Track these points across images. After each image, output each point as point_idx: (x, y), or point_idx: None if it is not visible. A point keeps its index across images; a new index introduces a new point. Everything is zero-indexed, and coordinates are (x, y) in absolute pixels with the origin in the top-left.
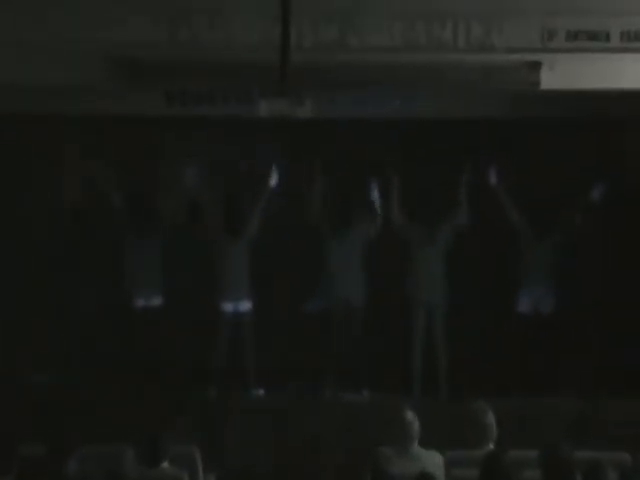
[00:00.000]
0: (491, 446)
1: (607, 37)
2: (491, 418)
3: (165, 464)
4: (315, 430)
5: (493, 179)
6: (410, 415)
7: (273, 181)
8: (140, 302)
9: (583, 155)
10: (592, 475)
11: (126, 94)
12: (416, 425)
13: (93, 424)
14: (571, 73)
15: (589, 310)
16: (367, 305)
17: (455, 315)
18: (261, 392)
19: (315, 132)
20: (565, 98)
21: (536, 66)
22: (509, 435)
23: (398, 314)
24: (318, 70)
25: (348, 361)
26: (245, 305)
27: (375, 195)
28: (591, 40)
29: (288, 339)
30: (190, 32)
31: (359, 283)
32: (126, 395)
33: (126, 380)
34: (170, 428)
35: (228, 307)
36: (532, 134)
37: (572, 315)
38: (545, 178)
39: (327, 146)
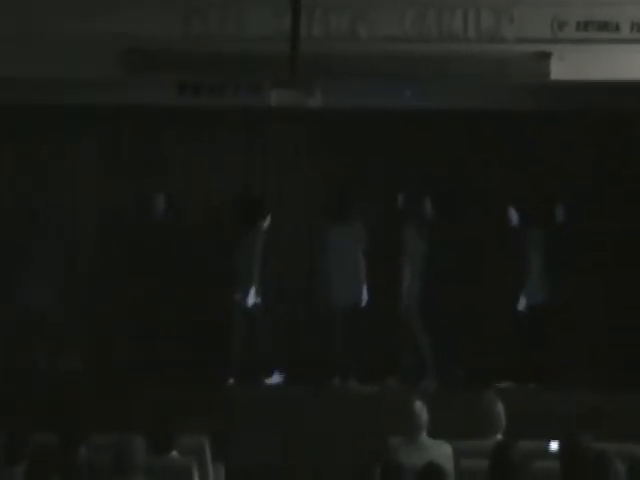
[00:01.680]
0: (500, 436)
1: (617, 27)
2: (500, 408)
3: (174, 453)
4: (324, 421)
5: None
6: (418, 405)
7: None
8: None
9: (588, 148)
10: (600, 466)
11: (139, 86)
12: (424, 415)
13: (103, 413)
14: (581, 64)
15: (597, 303)
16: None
17: (457, 308)
18: (271, 383)
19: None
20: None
21: (546, 56)
22: (518, 426)
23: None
24: (329, 60)
25: (355, 353)
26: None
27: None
28: (601, 30)
29: (296, 332)
30: (202, 24)
31: (360, 277)
32: (139, 385)
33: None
34: (180, 418)
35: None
36: (537, 126)
37: (579, 308)
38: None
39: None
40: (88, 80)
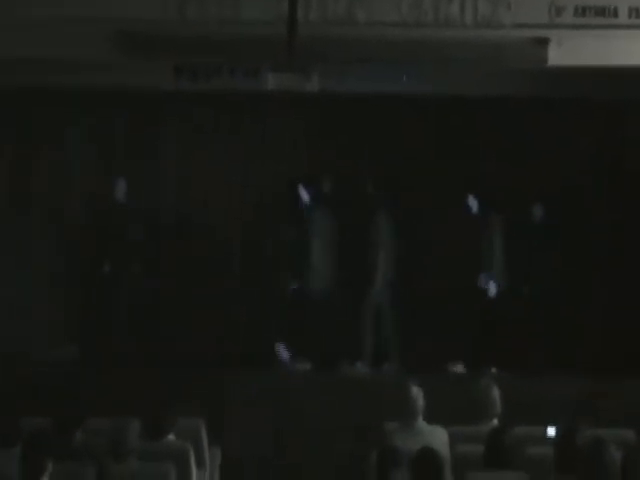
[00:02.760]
0: (495, 422)
1: (615, 13)
2: (496, 394)
3: (170, 437)
4: (320, 406)
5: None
6: (415, 390)
7: None
8: None
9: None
10: (595, 452)
11: (136, 69)
12: (420, 400)
13: (100, 397)
14: (579, 49)
15: (591, 291)
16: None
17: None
18: (268, 367)
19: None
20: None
21: (544, 42)
22: (513, 411)
23: None
24: (326, 45)
25: (354, 338)
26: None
27: None
28: (599, 16)
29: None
30: (199, 7)
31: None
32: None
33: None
34: (176, 401)
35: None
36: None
37: (570, 296)
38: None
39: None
40: (84, 63)
